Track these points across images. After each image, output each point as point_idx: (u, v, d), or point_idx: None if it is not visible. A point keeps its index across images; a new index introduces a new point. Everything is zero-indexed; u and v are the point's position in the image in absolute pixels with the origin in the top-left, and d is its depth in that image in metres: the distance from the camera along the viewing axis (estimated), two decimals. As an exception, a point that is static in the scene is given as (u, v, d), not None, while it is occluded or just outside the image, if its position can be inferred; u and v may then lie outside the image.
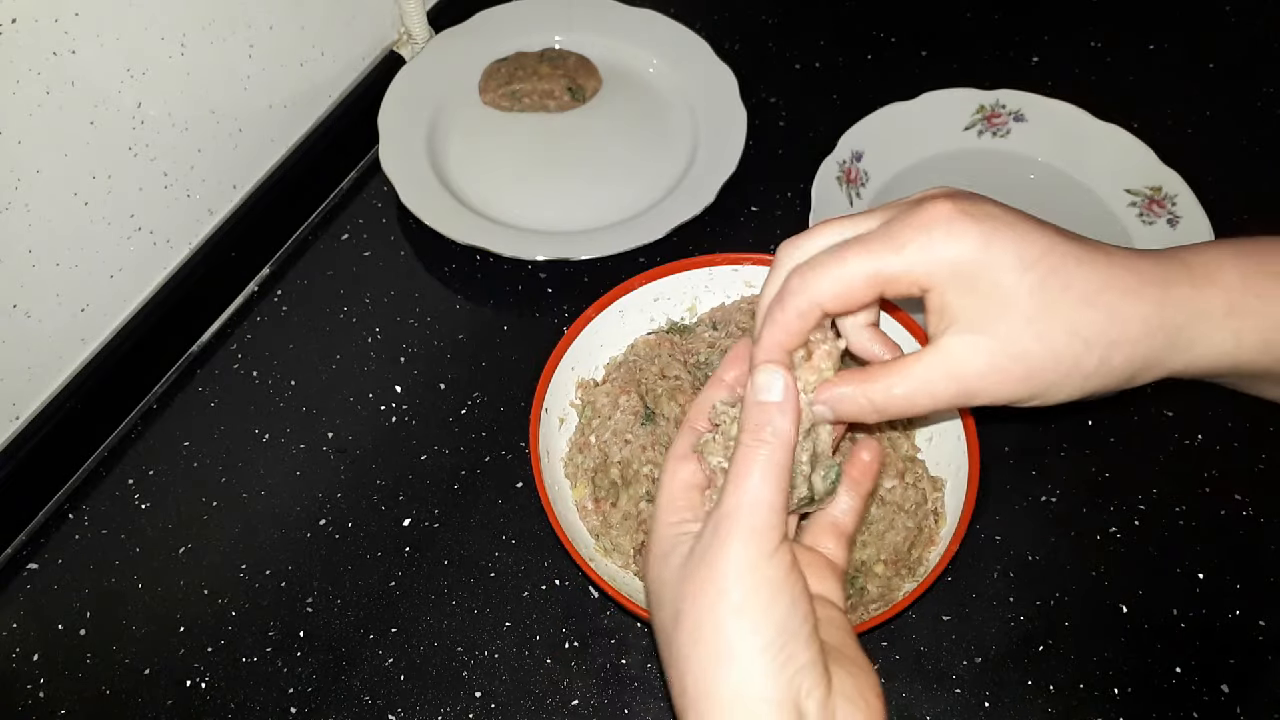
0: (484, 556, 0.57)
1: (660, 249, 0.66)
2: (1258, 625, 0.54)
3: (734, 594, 0.33)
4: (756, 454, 0.35)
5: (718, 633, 0.33)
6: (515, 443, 0.61)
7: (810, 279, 0.37)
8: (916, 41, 0.80)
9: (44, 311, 0.57)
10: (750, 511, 0.34)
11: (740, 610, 0.33)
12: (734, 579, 0.33)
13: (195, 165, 0.63)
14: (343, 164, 0.73)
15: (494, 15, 0.78)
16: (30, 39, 0.49)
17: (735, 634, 0.33)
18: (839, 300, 0.37)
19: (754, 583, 0.33)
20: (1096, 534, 0.57)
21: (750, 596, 0.33)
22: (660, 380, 0.57)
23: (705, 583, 0.34)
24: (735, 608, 0.33)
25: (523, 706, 0.52)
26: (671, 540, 0.37)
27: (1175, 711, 0.52)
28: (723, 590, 0.33)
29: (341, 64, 0.72)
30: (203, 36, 0.59)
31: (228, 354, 0.65)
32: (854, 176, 0.69)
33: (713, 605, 0.33)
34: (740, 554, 0.33)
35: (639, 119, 0.75)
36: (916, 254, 0.35)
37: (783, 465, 0.35)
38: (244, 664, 0.54)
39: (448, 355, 0.64)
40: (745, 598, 0.33)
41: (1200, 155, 0.69)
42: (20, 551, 0.58)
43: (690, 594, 0.34)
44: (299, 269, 0.68)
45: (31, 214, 0.53)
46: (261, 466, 0.60)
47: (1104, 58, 0.79)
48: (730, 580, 0.33)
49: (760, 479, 0.34)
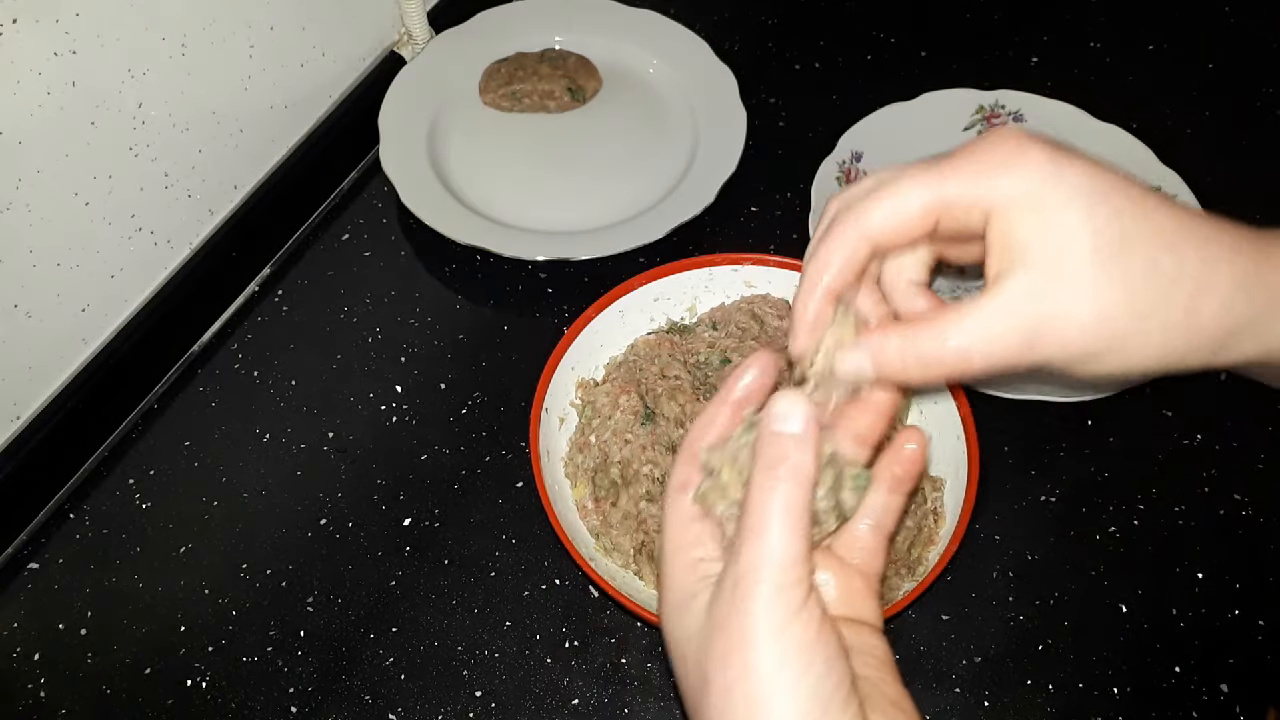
0: (484, 556, 0.57)
1: (660, 249, 0.66)
2: (1258, 625, 0.54)
3: (763, 664, 0.30)
4: (773, 498, 0.30)
5: (750, 706, 0.30)
6: (515, 443, 0.61)
7: (858, 206, 0.33)
8: (916, 41, 0.80)
9: (45, 311, 0.57)
10: (771, 569, 0.30)
11: (771, 681, 0.30)
12: (762, 647, 0.30)
13: (196, 165, 0.63)
14: (343, 164, 0.73)
15: (494, 15, 0.78)
16: (31, 39, 0.49)
17: (768, 706, 0.30)
18: (891, 230, 0.33)
19: (783, 650, 0.30)
20: (1096, 534, 0.57)
21: (780, 667, 0.30)
22: (660, 380, 0.57)
23: (730, 651, 0.30)
24: (765, 679, 0.30)
25: (523, 706, 0.52)
26: (688, 588, 0.33)
27: (1175, 711, 0.52)
28: (750, 662, 0.30)
29: (342, 64, 0.72)
30: (203, 37, 0.59)
31: (228, 354, 0.65)
32: (854, 177, 0.69)
33: (740, 677, 0.30)
34: (765, 618, 0.30)
35: (639, 119, 0.75)
36: (981, 175, 0.32)
37: (803, 507, 0.31)
38: (244, 664, 0.54)
39: (448, 355, 0.64)
40: (775, 668, 0.30)
41: (1200, 155, 0.69)
42: (21, 551, 0.58)
43: (716, 659, 0.31)
44: (299, 269, 0.68)
45: (32, 214, 0.53)
46: (262, 466, 0.60)
47: (1104, 58, 0.79)
48: (758, 649, 0.30)
49: (779, 528, 0.30)
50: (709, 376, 0.58)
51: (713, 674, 0.31)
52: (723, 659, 0.30)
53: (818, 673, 0.30)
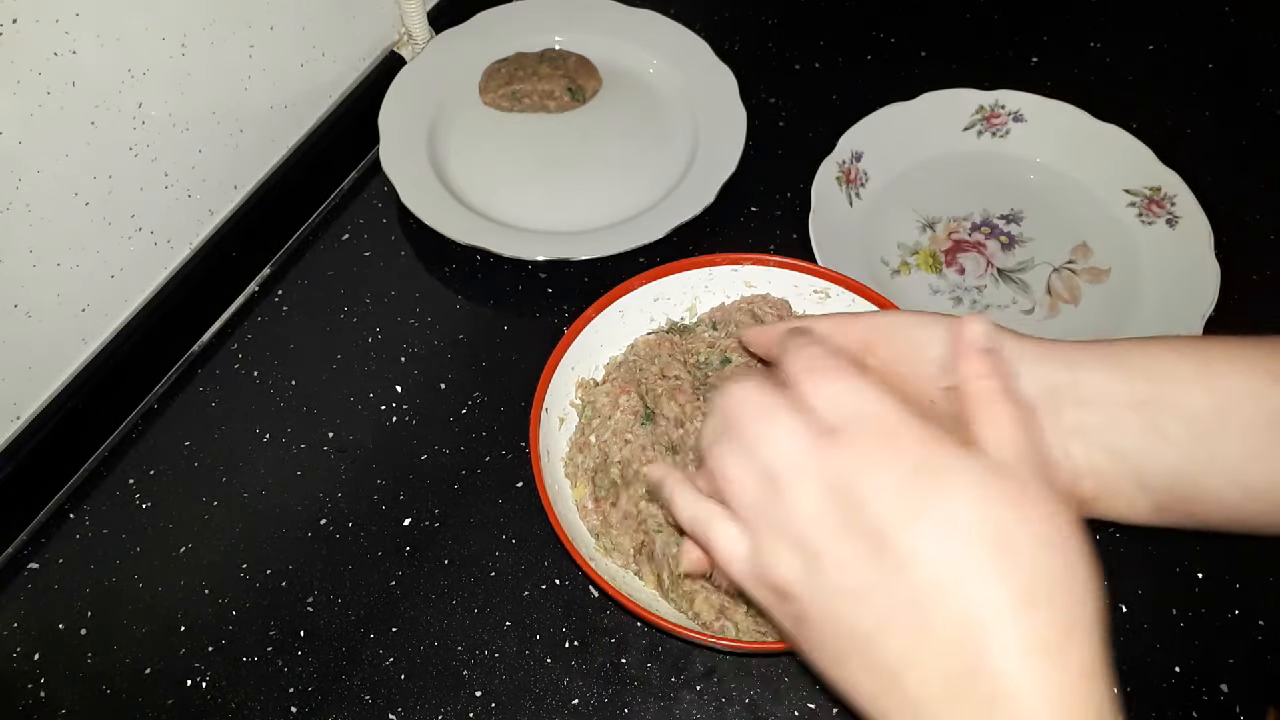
0: (484, 556, 0.57)
1: (660, 249, 0.66)
2: (1258, 625, 0.54)
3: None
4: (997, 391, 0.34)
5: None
6: (515, 443, 0.61)
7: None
8: (916, 41, 0.80)
9: (45, 311, 0.57)
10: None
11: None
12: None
13: (196, 165, 0.63)
14: (343, 164, 0.73)
15: (494, 15, 0.78)
16: (31, 39, 0.49)
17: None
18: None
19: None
20: (1096, 534, 0.57)
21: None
22: (660, 380, 0.57)
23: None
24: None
25: (523, 706, 0.52)
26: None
27: (1175, 711, 0.52)
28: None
29: (342, 64, 0.72)
30: (203, 37, 0.59)
31: (228, 354, 0.65)
32: (854, 177, 0.69)
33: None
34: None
35: (639, 119, 0.75)
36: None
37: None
38: (244, 664, 0.54)
39: (448, 355, 0.64)
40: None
41: (1199, 155, 0.69)
42: (21, 551, 0.58)
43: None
44: (299, 269, 0.68)
45: (32, 214, 0.53)
46: (262, 466, 0.60)
47: (1104, 58, 0.79)
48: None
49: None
50: (709, 376, 0.58)
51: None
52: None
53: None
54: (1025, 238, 0.68)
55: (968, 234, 0.69)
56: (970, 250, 0.68)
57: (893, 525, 0.31)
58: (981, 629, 0.29)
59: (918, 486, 0.31)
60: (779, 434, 0.34)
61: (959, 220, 0.69)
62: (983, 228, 0.69)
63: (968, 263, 0.67)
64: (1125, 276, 0.66)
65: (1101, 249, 0.68)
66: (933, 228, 0.69)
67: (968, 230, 0.69)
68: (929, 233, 0.69)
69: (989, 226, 0.69)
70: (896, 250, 0.68)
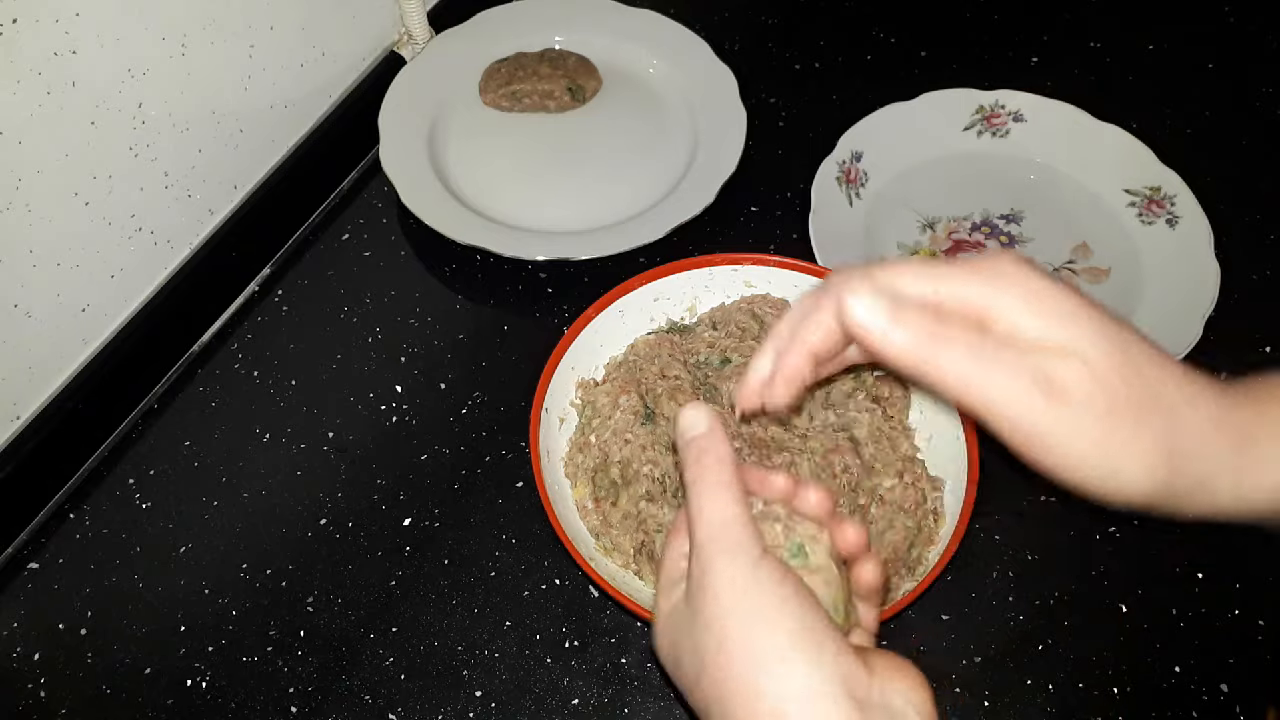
0: (484, 556, 0.57)
1: (660, 249, 0.66)
2: (1257, 625, 0.54)
3: (741, 607, 0.33)
4: (704, 483, 0.35)
5: (746, 656, 0.32)
6: (515, 443, 0.61)
7: (852, 281, 0.34)
8: (916, 41, 0.80)
9: (45, 311, 0.57)
10: (721, 531, 0.34)
11: (754, 619, 0.33)
12: (736, 595, 0.33)
13: (196, 165, 0.63)
14: (343, 164, 0.73)
15: (494, 15, 0.78)
16: (31, 39, 0.49)
17: (759, 643, 0.32)
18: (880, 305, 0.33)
19: (756, 592, 0.33)
20: (1096, 534, 0.57)
21: (757, 607, 0.33)
22: (660, 380, 0.57)
23: (711, 618, 0.33)
24: (747, 619, 0.33)
25: (523, 706, 0.52)
26: (672, 576, 0.37)
27: (1175, 711, 0.52)
28: (728, 609, 0.33)
29: (342, 64, 0.72)
30: (203, 37, 0.59)
31: (228, 354, 0.65)
32: (854, 176, 0.69)
33: (727, 634, 0.33)
34: (729, 571, 0.33)
35: (639, 119, 0.75)
36: (980, 273, 0.33)
37: (731, 481, 0.35)
38: (244, 663, 0.54)
39: (448, 355, 0.64)
40: (753, 608, 0.33)
41: (1199, 155, 0.69)
42: (21, 551, 0.58)
43: (700, 629, 0.34)
44: (299, 269, 0.68)
45: (32, 214, 0.53)
46: (261, 466, 0.60)
47: (1104, 58, 0.79)
48: (733, 598, 0.33)
49: (713, 502, 0.35)
50: (709, 376, 0.58)
51: (703, 645, 0.33)
52: (706, 626, 0.33)
53: (794, 604, 0.33)
54: (1025, 238, 0.68)
55: (968, 234, 0.69)
56: (970, 250, 0.68)
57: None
58: None
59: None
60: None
61: (959, 220, 0.69)
62: (983, 228, 0.69)
63: (968, 263, 0.67)
64: (1125, 276, 0.66)
65: (1101, 249, 0.68)
66: (933, 228, 0.69)
67: (968, 230, 0.69)
68: (929, 233, 0.69)
69: (989, 226, 0.69)
70: (896, 250, 0.68)
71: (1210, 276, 0.63)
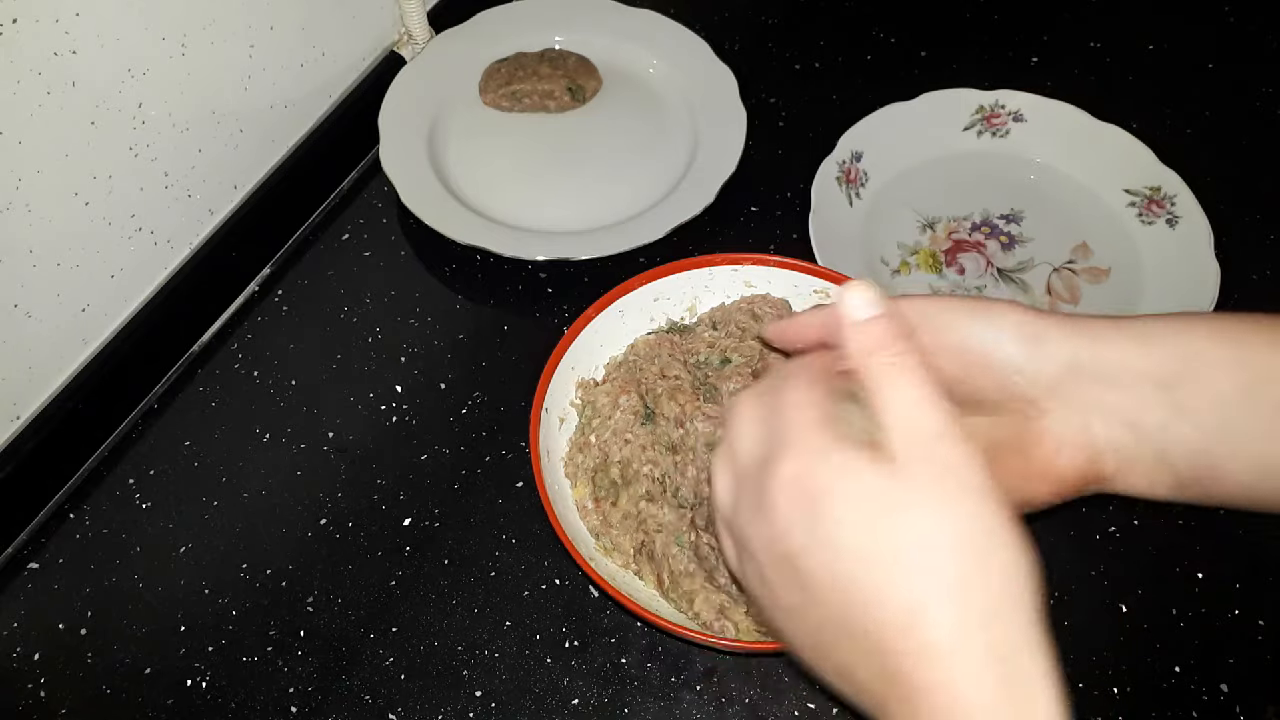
0: (484, 556, 0.57)
1: (660, 249, 0.66)
2: (1257, 625, 0.54)
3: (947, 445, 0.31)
4: (898, 379, 0.32)
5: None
6: (515, 443, 0.61)
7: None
8: (916, 41, 0.80)
9: (45, 311, 0.57)
10: (936, 433, 0.31)
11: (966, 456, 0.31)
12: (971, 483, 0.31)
13: (196, 165, 0.63)
14: (343, 164, 0.73)
15: (494, 15, 0.78)
16: (31, 39, 0.49)
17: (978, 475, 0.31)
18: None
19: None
20: (1096, 534, 0.57)
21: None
22: (660, 380, 0.57)
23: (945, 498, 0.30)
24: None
25: (523, 706, 0.52)
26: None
27: (1175, 711, 0.52)
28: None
29: (342, 64, 0.72)
30: (203, 37, 0.59)
31: (228, 354, 0.65)
32: (854, 176, 0.69)
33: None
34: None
35: (639, 119, 0.75)
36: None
37: (924, 372, 0.32)
38: (244, 663, 0.54)
39: (448, 355, 0.64)
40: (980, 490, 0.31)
41: (1200, 155, 0.69)
42: (21, 551, 0.58)
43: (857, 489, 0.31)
44: (299, 269, 0.68)
45: (32, 214, 0.53)
46: (261, 466, 0.60)
47: (1104, 58, 0.79)
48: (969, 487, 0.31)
49: (919, 399, 0.31)
50: (709, 376, 0.58)
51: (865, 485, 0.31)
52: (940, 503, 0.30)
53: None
54: (1025, 238, 0.68)
55: (968, 234, 0.69)
56: (970, 250, 0.68)
57: (797, 553, 0.32)
58: (892, 638, 0.30)
59: (806, 513, 0.31)
60: (738, 447, 0.35)
61: (959, 220, 0.69)
62: (983, 228, 0.69)
63: (968, 263, 0.67)
64: (1125, 276, 0.66)
65: (1101, 249, 0.68)
66: (933, 228, 0.69)
67: (968, 230, 0.69)
68: (929, 233, 0.69)
69: (989, 226, 0.69)
70: (896, 250, 0.68)
71: (1210, 276, 0.63)
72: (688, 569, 0.51)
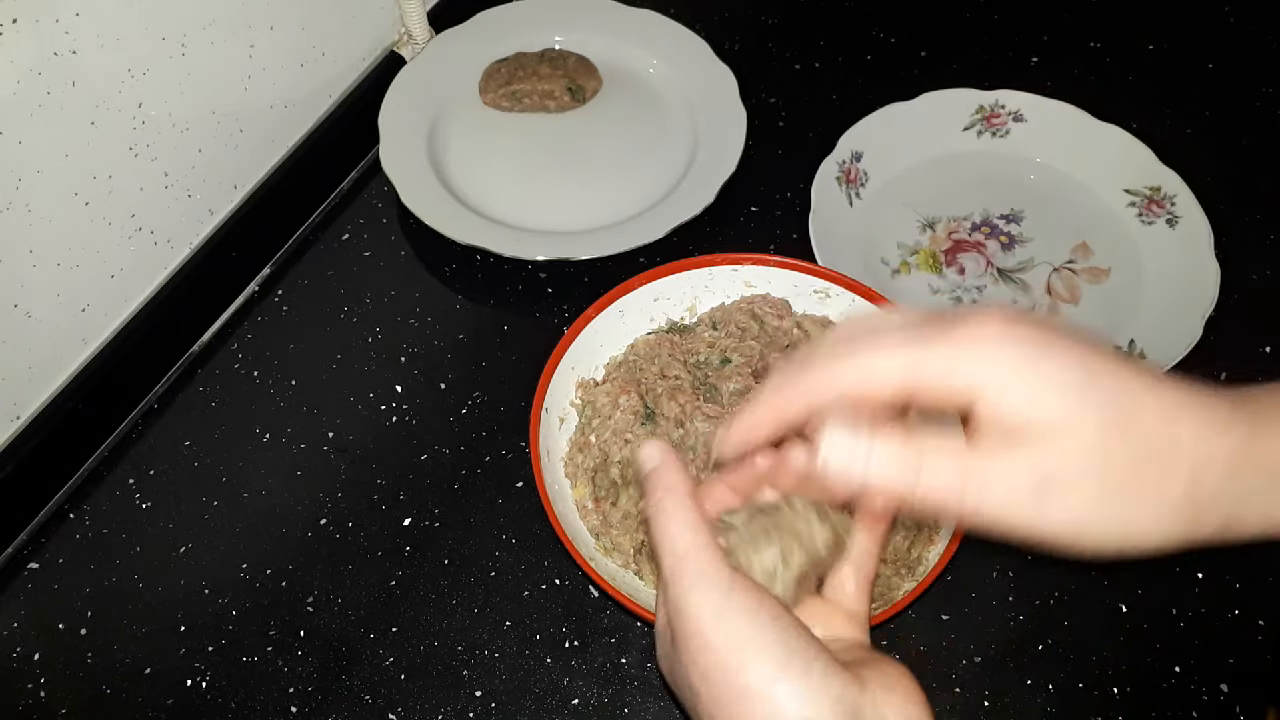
0: (484, 556, 0.57)
1: (660, 249, 0.66)
2: (1258, 625, 0.54)
3: (715, 640, 0.32)
4: (662, 513, 0.34)
5: (732, 681, 0.32)
6: (515, 443, 0.61)
7: (832, 360, 0.32)
8: (916, 41, 0.80)
9: (45, 311, 0.57)
10: (683, 564, 0.33)
11: (732, 650, 0.32)
12: (710, 626, 0.32)
13: (196, 165, 0.63)
14: (343, 164, 0.73)
15: (494, 15, 0.78)
16: (31, 39, 0.49)
17: (744, 673, 0.31)
18: (860, 394, 0.32)
19: (731, 621, 0.32)
20: (1096, 534, 0.57)
21: (734, 635, 0.32)
22: (660, 380, 0.57)
23: (696, 651, 0.32)
24: (727, 651, 0.32)
25: (523, 706, 0.52)
26: (662, 618, 0.36)
27: (1175, 711, 0.52)
28: (707, 642, 0.32)
29: (342, 64, 0.72)
30: (203, 37, 0.59)
31: (228, 354, 0.65)
32: (854, 176, 0.69)
33: (712, 665, 0.32)
34: (701, 602, 0.32)
35: (639, 119, 0.75)
36: (964, 355, 0.31)
37: (689, 509, 0.34)
38: (244, 663, 0.54)
39: (448, 355, 0.64)
40: (729, 638, 0.32)
41: (1200, 155, 0.69)
42: (21, 551, 0.58)
43: (687, 661, 0.33)
44: (299, 269, 0.68)
45: (32, 214, 0.53)
46: (261, 466, 0.60)
47: (1104, 58, 0.79)
48: (708, 629, 0.32)
49: (678, 531, 0.34)
50: (709, 376, 0.58)
51: (690, 676, 0.33)
52: (692, 660, 0.33)
53: (772, 628, 0.32)
54: (1025, 238, 0.68)
55: (968, 234, 0.69)
56: (970, 250, 0.68)
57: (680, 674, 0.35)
58: None
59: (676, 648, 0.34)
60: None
61: (959, 220, 0.69)
62: (983, 228, 0.69)
63: (968, 263, 0.67)
64: (1125, 276, 0.66)
65: (1101, 249, 0.68)
66: (933, 228, 0.69)
67: (968, 230, 0.69)
68: (929, 233, 0.69)
69: (989, 226, 0.69)
70: (896, 250, 0.68)
71: (1210, 276, 0.63)
72: (688, 569, 0.51)
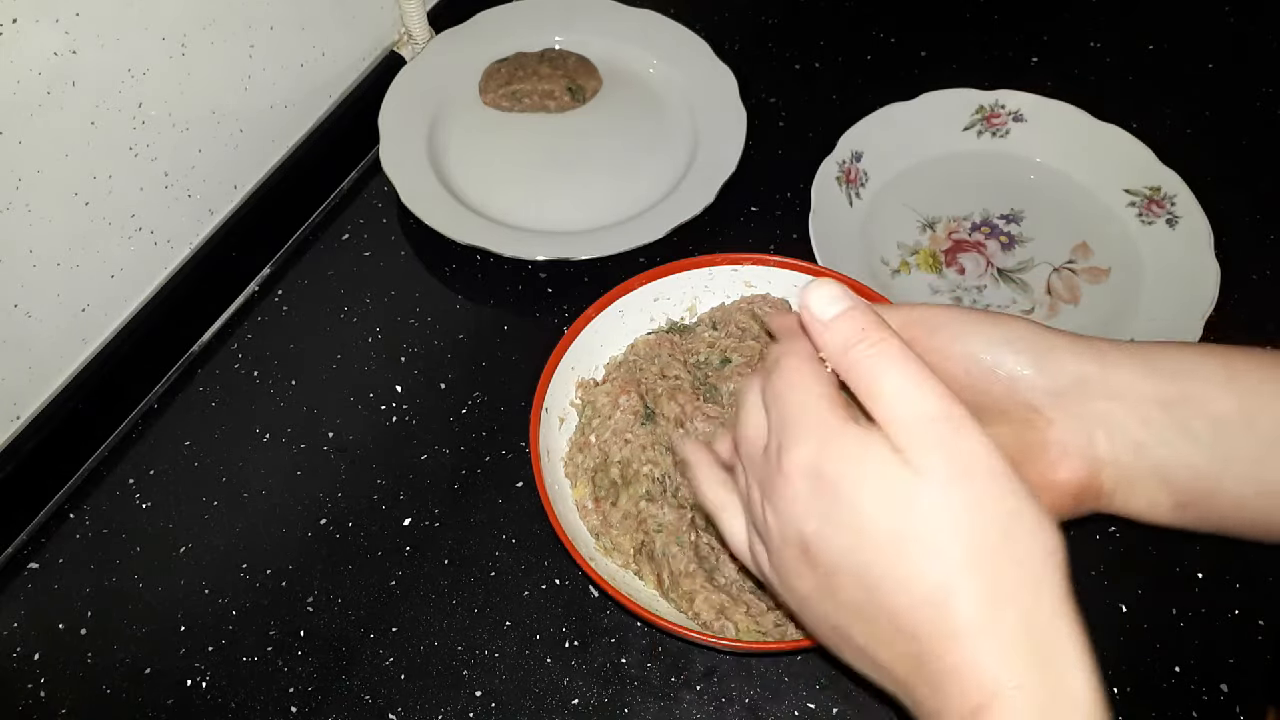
0: (484, 556, 0.57)
1: (660, 249, 0.66)
2: (1258, 625, 0.54)
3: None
4: (881, 365, 0.31)
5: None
6: (515, 443, 0.61)
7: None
8: (916, 41, 0.80)
9: (45, 311, 0.57)
10: (940, 410, 0.31)
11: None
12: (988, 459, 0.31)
13: (196, 165, 0.63)
14: (343, 164, 0.73)
15: (494, 15, 0.78)
16: (31, 39, 0.49)
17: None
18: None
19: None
20: (1096, 534, 0.57)
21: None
22: (660, 380, 0.57)
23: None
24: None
25: (523, 706, 0.52)
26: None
27: (1175, 711, 0.52)
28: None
29: (342, 64, 0.72)
30: (203, 37, 0.59)
31: (228, 354, 0.65)
32: (854, 176, 0.69)
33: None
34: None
35: (639, 119, 0.75)
36: None
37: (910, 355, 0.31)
38: (244, 664, 0.54)
39: (448, 355, 0.64)
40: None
41: (1200, 155, 0.69)
42: (21, 551, 0.58)
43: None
44: (299, 269, 0.68)
45: (32, 214, 0.53)
46: (261, 466, 0.60)
47: (1104, 58, 0.79)
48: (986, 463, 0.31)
49: (917, 382, 0.31)
50: (709, 376, 0.58)
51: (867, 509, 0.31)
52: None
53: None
54: (1025, 238, 0.68)
55: (968, 234, 0.69)
56: (970, 250, 0.68)
57: (811, 539, 0.32)
58: (916, 621, 0.30)
59: (821, 498, 0.31)
60: (745, 434, 0.36)
61: (959, 220, 0.69)
62: (983, 228, 0.69)
63: (968, 263, 0.67)
64: (1125, 276, 0.66)
65: (1101, 249, 0.68)
66: (933, 228, 0.69)
67: (968, 230, 0.69)
68: (929, 233, 0.69)
69: (989, 226, 0.69)
70: (896, 250, 0.68)
71: (1210, 276, 0.63)
72: (688, 569, 0.51)
